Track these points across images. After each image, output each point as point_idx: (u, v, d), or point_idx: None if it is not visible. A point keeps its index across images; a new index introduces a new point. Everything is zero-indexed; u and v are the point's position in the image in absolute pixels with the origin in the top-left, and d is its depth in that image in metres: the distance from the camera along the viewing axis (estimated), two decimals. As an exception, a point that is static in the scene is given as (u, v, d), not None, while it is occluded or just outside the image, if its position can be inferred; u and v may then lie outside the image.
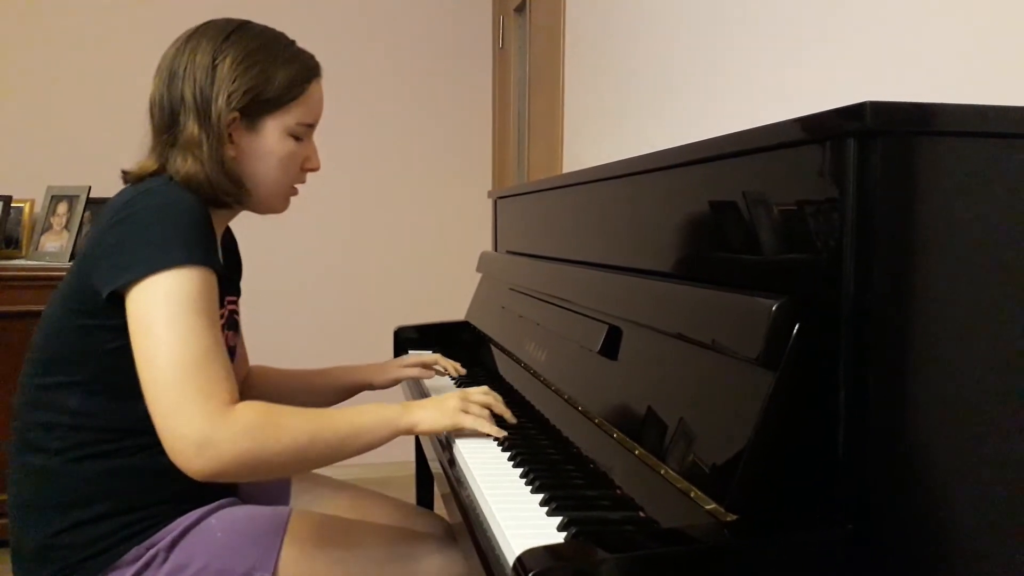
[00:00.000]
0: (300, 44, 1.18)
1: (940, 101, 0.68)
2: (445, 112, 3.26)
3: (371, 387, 1.49)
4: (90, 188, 2.71)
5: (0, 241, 2.75)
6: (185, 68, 1.08)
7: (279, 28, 1.16)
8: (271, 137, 1.12)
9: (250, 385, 1.43)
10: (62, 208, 2.72)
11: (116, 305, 0.98)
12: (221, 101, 1.06)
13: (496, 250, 2.09)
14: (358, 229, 3.19)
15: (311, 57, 1.16)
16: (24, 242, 2.79)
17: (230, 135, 1.09)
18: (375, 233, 3.22)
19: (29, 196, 2.81)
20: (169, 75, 1.09)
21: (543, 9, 2.62)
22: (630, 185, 1.13)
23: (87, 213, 2.71)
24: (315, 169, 1.19)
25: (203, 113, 1.07)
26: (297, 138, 1.14)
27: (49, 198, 2.76)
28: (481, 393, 1.15)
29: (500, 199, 2.04)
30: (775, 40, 1.36)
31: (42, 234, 2.73)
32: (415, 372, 1.51)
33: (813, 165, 0.72)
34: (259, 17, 1.17)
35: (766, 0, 1.38)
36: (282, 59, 1.11)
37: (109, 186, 2.89)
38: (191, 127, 1.06)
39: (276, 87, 1.10)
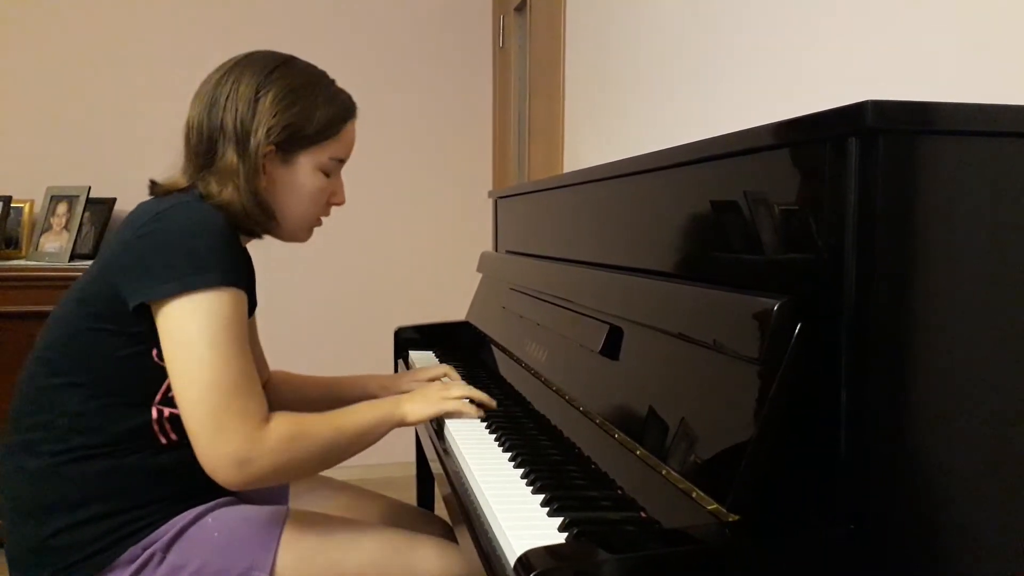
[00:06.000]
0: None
1: (941, 100, 0.68)
2: (445, 111, 3.26)
3: None
4: (90, 188, 2.71)
5: (0, 242, 2.75)
6: (227, 97, 1.10)
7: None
8: (303, 171, 1.14)
9: (270, 391, 1.44)
10: (62, 208, 2.72)
11: (140, 315, 1.01)
12: (260, 134, 1.09)
13: (496, 250, 2.09)
14: (357, 229, 3.19)
15: (349, 97, 1.20)
16: (24, 242, 2.79)
17: (264, 166, 1.11)
18: (375, 233, 3.22)
19: (29, 196, 2.81)
20: (210, 102, 1.11)
21: (543, 8, 2.62)
22: (631, 185, 1.13)
23: (87, 213, 2.71)
24: (340, 204, 1.22)
25: (242, 143, 1.09)
26: (327, 173, 1.17)
27: (49, 198, 2.75)
28: (459, 386, 1.27)
29: (500, 199, 2.04)
30: (776, 40, 1.35)
31: (42, 234, 2.73)
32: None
33: (814, 164, 0.72)
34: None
35: (766, 0, 1.38)
36: (322, 98, 1.14)
37: (109, 187, 2.90)
38: (230, 156, 1.09)
39: (314, 125, 1.13)
